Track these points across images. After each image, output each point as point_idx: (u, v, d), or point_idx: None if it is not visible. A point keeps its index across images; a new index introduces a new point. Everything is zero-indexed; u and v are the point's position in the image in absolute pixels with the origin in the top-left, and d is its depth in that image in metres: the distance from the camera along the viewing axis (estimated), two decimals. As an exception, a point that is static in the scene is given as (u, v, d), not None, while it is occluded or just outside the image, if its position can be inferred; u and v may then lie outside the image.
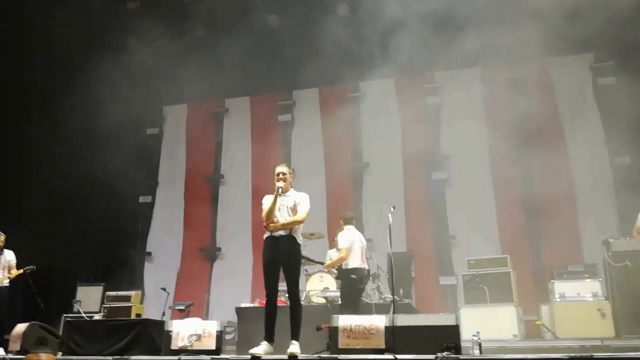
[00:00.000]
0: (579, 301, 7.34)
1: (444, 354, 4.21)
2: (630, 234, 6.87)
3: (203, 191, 11.39)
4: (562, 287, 7.55)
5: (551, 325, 7.42)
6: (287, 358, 4.55)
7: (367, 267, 6.66)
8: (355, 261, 6.44)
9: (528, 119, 9.77)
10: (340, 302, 6.69)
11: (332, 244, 7.54)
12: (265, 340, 4.87)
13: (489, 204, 9.59)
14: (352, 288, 6.37)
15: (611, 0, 7.56)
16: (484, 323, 6.87)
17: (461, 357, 4.26)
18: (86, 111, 9.89)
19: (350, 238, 6.54)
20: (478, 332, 5.03)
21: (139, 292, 9.58)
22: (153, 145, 11.95)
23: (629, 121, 8.61)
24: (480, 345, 4.94)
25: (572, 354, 4.06)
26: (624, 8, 7.69)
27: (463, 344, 4.58)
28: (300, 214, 5.13)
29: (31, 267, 7.25)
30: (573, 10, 8.25)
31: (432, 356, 4.19)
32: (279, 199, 5.16)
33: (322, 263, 7.50)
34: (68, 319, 7.42)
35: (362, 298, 7.03)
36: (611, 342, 6.38)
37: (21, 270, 7.19)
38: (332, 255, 7.76)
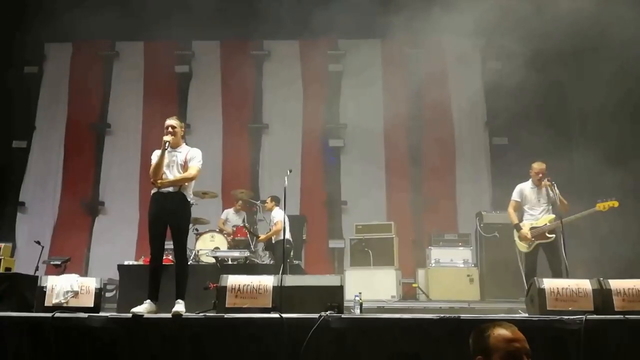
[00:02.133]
0: (452, 267, 8.03)
1: (328, 313, 4.37)
2: (501, 207, 7.57)
3: (86, 140, 10.52)
4: (437, 254, 8.19)
5: (426, 288, 8.04)
6: (171, 316, 4.45)
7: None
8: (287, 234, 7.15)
9: (421, 95, 10.24)
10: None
11: (229, 203, 7.68)
12: (149, 298, 4.71)
13: (379, 173, 10.02)
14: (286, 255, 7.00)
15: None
16: (367, 284, 7.26)
17: (343, 315, 4.44)
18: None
19: (281, 215, 7.31)
20: (360, 293, 5.31)
21: (9, 244, 8.73)
22: (31, 86, 10.78)
23: (509, 105, 9.34)
24: (361, 305, 5.23)
25: (442, 315, 4.40)
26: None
27: (346, 304, 4.78)
28: (191, 172, 4.92)
29: None
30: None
31: (316, 315, 4.32)
32: (168, 154, 4.91)
33: (257, 236, 7.70)
34: None
35: (253, 259, 7.31)
36: (477, 305, 7.06)
37: None
38: (229, 215, 8.27)
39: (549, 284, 4.53)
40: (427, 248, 8.48)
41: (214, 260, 7.09)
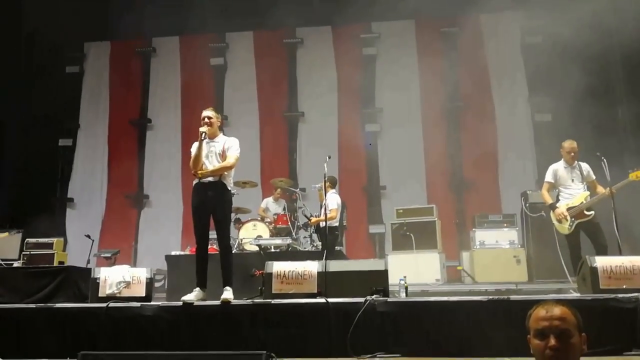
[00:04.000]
0: (497, 248, 7.85)
1: (373, 297, 4.37)
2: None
3: (129, 135, 10.83)
4: (482, 235, 8.01)
5: (471, 270, 7.91)
6: (219, 303, 4.54)
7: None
8: (337, 220, 7.36)
9: (459, 74, 10.03)
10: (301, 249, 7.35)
11: (269, 192, 7.66)
12: (198, 286, 4.82)
13: (418, 156, 9.88)
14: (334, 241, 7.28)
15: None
16: (410, 268, 7.18)
17: (389, 299, 4.43)
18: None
19: (338, 200, 7.40)
20: (405, 277, 5.27)
21: (61, 239, 9.11)
22: (73, 85, 11.12)
23: (552, 80, 9.05)
24: (406, 288, 5.20)
25: (491, 297, 4.33)
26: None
27: (390, 288, 4.77)
28: (229, 160, 4.96)
29: None
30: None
31: (361, 299, 4.33)
32: (207, 145, 4.97)
33: (309, 219, 7.67)
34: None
35: (295, 246, 7.37)
36: (524, 286, 6.91)
37: None
38: (269, 204, 8.32)
39: (602, 262, 4.39)
40: (470, 230, 8.32)
41: (257, 249, 7.18)
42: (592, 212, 5.54)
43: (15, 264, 7.78)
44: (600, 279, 4.27)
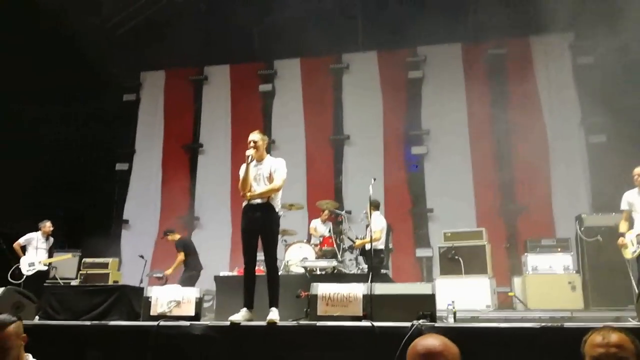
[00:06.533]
0: (551, 274, 7.53)
1: (420, 321, 4.29)
2: (602, 209, 7.06)
3: (181, 160, 11.26)
4: (534, 260, 7.72)
5: (523, 296, 7.62)
6: (266, 324, 4.59)
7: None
8: (382, 243, 7.41)
9: (508, 96, 9.89)
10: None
11: (314, 214, 7.69)
12: (245, 306, 4.89)
13: (466, 179, 9.73)
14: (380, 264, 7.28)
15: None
16: (459, 294, 6.99)
17: (436, 324, 4.34)
18: (62, 74, 9.60)
19: (383, 222, 7.48)
20: (453, 302, 5.15)
21: (116, 259, 9.51)
22: (130, 112, 11.70)
23: (606, 100, 8.75)
24: (455, 314, 5.07)
25: (544, 324, 4.17)
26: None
27: (438, 313, 4.67)
28: (277, 182, 5.04)
29: None
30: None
31: (408, 323, 4.26)
32: (254, 168, 5.08)
33: (353, 242, 7.72)
34: (45, 285, 7.36)
35: (340, 268, 7.31)
36: (580, 314, 6.60)
37: None
38: (317, 225, 8.32)
39: (663, 289, 4.16)
40: (522, 255, 8.04)
41: (302, 270, 7.21)
42: None
43: (73, 283, 8.16)
44: (661, 306, 4.05)
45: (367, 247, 7.36)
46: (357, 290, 4.76)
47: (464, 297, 6.99)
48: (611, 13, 8.02)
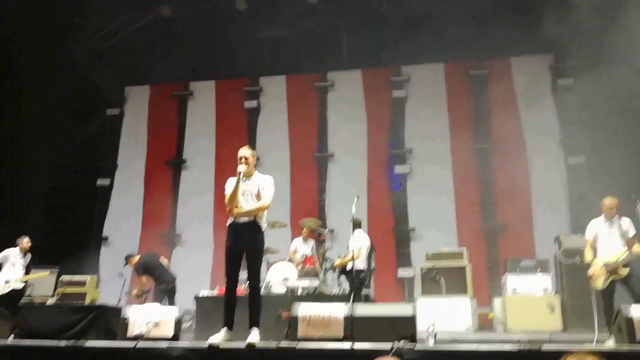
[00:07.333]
0: (530, 295, 7.57)
1: (401, 342, 4.29)
2: (581, 230, 7.13)
3: (164, 175, 11.15)
4: (514, 281, 7.74)
5: (503, 317, 7.64)
6: (245, 347, 4.54)
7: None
8: (363, 262, 7.33)
9: (489, 116, 10.05)
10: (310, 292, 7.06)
11: (297, 232, 7.63)
12: (225, 326, 4.83)
13: (448, 198, 9.80)
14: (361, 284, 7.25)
15: (573, 1, 7.76)
16: (440, 313, 7.02)
17: (417, 346, 4.34)
18: (44, 89, 9.53)
19: (365, 239, 7.47)
20: (434, 323, 5.15)
21: (95, 276, 9.33)
22: (113, 127, 11.60)
23: (585, 122, 8.93)
24: (435, 335, 5.07)
25: (521, 347, 4.19)
26: (584, 9, 7.91)
27: (419, 334, 4.67)
28: (265, 201, 5.01)
29: None
30: (535, 10, 8.49)
31: (389, 345, 4.26)
32: (242, 184, 5.02)
33: (332, 264, 7.68)
34: (21, 303, 7.20)
35: (322, 289, 7.28)
36: (559, 336, 6.62)
37: None
38: (298, 245, 8.16)
39: (638, 312, 4.21)
40: (502, 275, 8.10)
41: (284, 290, 7.16)
42: (628, 269, 5.40)
43: (49, 301, 7.98)
44: (636, 329, 4.10)
45: (349, 266, 7.34)
46: (338, 311, 4.75)
47: (445, 318, 7.01)
48: (591, 35, 8.22)
